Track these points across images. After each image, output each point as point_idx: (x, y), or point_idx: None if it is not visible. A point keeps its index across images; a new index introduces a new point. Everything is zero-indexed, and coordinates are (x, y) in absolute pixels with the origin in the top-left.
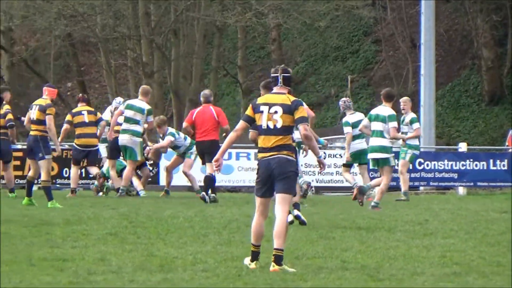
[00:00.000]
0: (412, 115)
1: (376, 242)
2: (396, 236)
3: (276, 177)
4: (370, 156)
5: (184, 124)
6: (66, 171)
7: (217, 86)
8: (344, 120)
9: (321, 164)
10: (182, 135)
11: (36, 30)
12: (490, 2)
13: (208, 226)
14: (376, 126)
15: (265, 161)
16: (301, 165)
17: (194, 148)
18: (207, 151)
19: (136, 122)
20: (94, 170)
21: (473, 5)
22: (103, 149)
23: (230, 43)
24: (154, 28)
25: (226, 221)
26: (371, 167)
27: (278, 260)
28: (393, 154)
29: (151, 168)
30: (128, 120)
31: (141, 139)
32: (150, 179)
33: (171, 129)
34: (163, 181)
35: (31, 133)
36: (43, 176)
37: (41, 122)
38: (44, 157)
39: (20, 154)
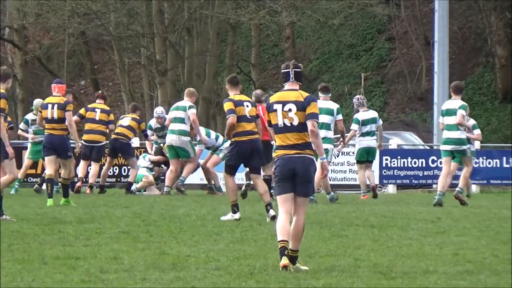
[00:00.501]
0: (473, 121)
1: (388, 240)
2: (408, 234)
3: (299, 177)
4: (444, 148)
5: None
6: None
7: None
8: (354, 116)
9: (323, 168)
10: (213, 134)
11: (50, 28)
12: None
13: (221, 224)
14: (449, 120)
15: (287, 158)
16: None
17: (225, 145)
18: None
19: (181, 120)
20: (96, 167)
21: (487, 3)
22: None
23: (244, 41)
24: (167, 26)
25: None
26: (442, 156)
27: (293, 260)
28: (470, 146)
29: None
30: (174, 120)
31: (189, 138)
32: (162, 176)
33: (203, 130)
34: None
35: (54, 132)
36: (66, 174)
37: (63, 120)
38: (71, 156)
39: None
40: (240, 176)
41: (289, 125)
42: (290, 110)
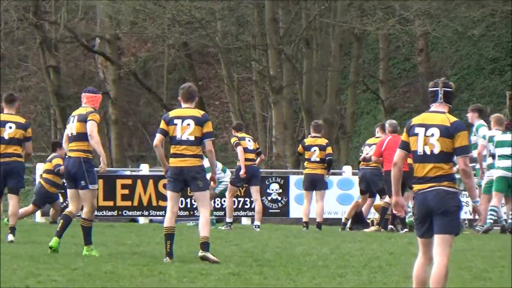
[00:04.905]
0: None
1: None
2: None
3: (435, 213)
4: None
5: (374, 158)
6: None
7: (356, 103)
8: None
9: (477, 213)
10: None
11: (147, 38)
12: None
13: (346, 265)
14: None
15: (421, 194)
16: None
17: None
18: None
19: None
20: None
21: None
22: None
23: (371, 54)
24: (283, 37)
25: (366, 259)
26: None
27: None
28: None
29: None
30: None
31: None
32: (278, 210)
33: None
34: (293, 213)
35: (71, 154)
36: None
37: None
38: (88, 187)
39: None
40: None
41: (429, 153)
42: (432, 135)
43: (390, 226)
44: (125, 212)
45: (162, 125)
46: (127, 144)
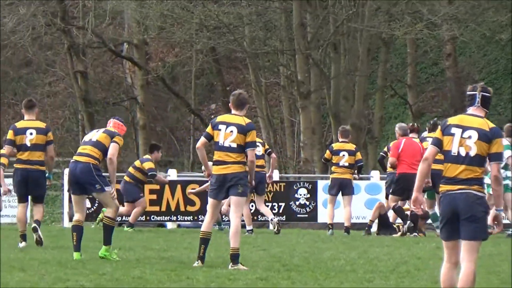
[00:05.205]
0: None
1: None
2: None
3: (461, 217)
4: None
5: (391, 160)
6: None
7: (384, 108)
8: None
9: (496, 222)
10: None
11: (175, 43)
12: None
13: (373, 270)
14: None
15: (449, 195)
16: None
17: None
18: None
19: None
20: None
21: None
22: None
23: (398, 59)
24: (310, 42)
25: (394, 264)
26: None
27: None
28: None
29: None
30: None
31: None
32: (306, 215)
33: None
34: (321, 218)
35: (80, 158)
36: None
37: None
38: (104, 189)
39: (157, 187)
40: None
41: (464, 155)
42: (469, 137)
43: (414, 234)
44: (153, 217)
45: (208, 129)
46: None
